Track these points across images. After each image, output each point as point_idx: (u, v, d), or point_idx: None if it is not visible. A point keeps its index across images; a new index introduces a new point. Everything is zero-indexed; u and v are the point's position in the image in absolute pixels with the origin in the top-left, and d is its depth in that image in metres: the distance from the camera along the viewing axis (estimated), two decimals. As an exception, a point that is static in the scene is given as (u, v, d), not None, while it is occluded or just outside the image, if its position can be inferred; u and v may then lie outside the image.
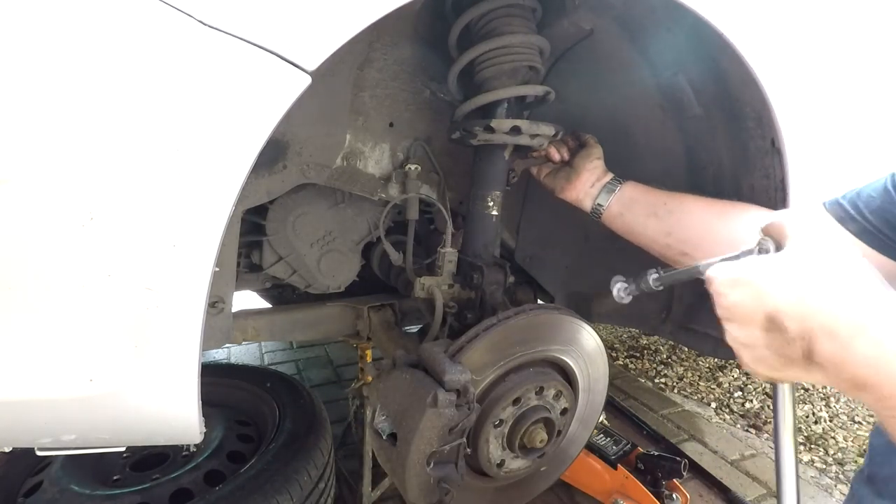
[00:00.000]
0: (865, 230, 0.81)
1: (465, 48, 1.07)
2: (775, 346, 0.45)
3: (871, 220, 0.80)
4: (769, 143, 1.01)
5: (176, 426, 0.71)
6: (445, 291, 1.17)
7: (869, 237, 0.81)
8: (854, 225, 0.82)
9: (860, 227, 0.81)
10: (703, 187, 1.21)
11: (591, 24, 1.09)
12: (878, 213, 0.80)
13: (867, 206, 0.81)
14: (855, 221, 0.82)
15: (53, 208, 0.59)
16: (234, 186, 0.64)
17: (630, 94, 1.22)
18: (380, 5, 0.67)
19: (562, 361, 1.07)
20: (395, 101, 1.26)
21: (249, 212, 1.18)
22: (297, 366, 2.98)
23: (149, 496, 1.27)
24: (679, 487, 1.78)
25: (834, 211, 0.85)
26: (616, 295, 0.86)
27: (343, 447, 2.10)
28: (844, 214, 0.84)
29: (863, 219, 0.81)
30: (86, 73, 0.57)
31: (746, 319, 0.47)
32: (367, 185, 1.26)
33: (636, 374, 3.15)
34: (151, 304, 0.63)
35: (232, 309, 1.18)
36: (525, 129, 1.04)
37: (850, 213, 0.83)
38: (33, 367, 0.63)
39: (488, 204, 1.17)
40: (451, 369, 0.86)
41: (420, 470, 0.86)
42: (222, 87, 0.61)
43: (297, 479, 1.28)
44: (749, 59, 0.90)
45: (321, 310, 1.49)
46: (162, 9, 0.58)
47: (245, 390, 1.76)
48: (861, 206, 0.82)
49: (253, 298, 2.20)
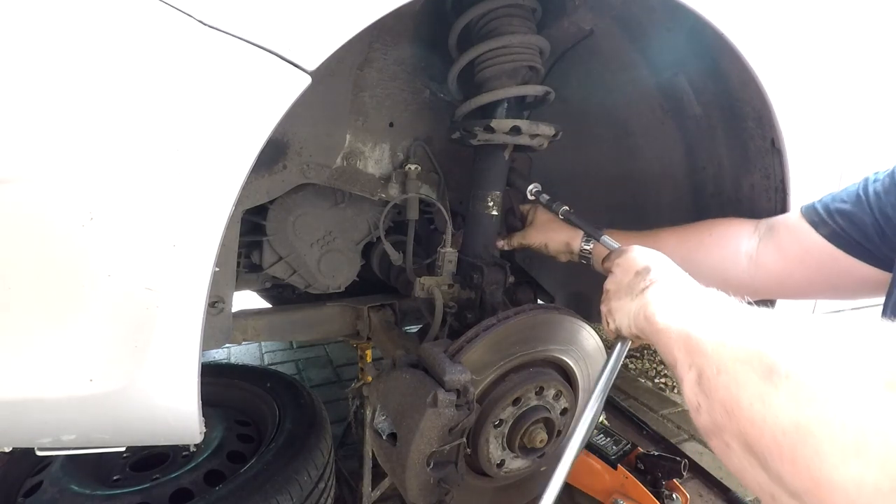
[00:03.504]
0: (836, 234, 0.86)
1: (465, 48, 1.07)
2: (633, 282, 0.71)
3: (841, 224, 0.85)
4: (769, 142, 1.01)
5: (176, 426, 0.71)
6: (445, 291, 1.17)
7: (839, 241, 0.85)
8: (826, 229, 0.87)
9: (831, 231, 0.86)
10: (703, 187, 1.21)
11: (591, 24, 1.09)
12: (848, 218, 0.84)
13: (839, 212, 0.86)
14: (827, 225, 0.87)
15: (54, 208, 0.59)
16: (234, 186, 0.64)
17: (630, 94, 1.22)
18: (380, 5, 0.67)
19: (562, 361, 1.07)
20: (395, 101, 1.26)
21: (249, 212, 1.18)
22: (297, 366, 2.98)
23: (149, 496, 1.27)
24: (679, 487, 1.78)
25: (808, 215, 0.91)
26: (528, 191, 1.17)
27: (343, 447, 2.10)
28: (817, 219, 0.89)
29: (834, 223, 0.86)
30: (86, 73, 0.57)
31: (627, 267, 0.75)
32: (367, 185, 1.26)
33: (636, 374, 3.14)
34: (151, 304, 0.63)
35: (232, 309, 1.18)
36: (525, 129, 1.04)
37: (822, 217, 0.88)
38: (33, 367, 0.63)
39: (488, 204, 1.17)
40: (451, 369, 0.86)
41: (420, 470, 0.86)
42: (222, 87, 0.61)
43: (297, 479, 1.28)
44: (749, 59, 0.90)
45: (321, 310, 1.49)
46: (162, 9, 0.58)
47: (245, 390, 1.76)
48: (833, 212, 0.87)
49: (253, 298, 2.20)
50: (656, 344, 0.62)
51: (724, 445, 0.43)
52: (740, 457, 0.41)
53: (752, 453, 0.39)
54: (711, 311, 0.54)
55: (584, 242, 1.16)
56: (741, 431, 0.40)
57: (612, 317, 0.75)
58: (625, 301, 0.72)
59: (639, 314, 0.66)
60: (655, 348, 0.63)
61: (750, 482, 0.41)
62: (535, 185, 1.20)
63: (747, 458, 0.40)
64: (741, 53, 0.89)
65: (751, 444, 0.39)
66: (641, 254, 0.77)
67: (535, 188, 1.19)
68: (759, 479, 0.39)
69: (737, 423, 0.41)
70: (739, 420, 0.40)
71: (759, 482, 0.40)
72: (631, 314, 0.69)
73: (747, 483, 0.42)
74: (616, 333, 0.76)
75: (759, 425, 0.38)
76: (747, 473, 0.41)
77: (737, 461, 0.42)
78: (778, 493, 0.38)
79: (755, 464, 0.39)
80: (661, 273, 0.70)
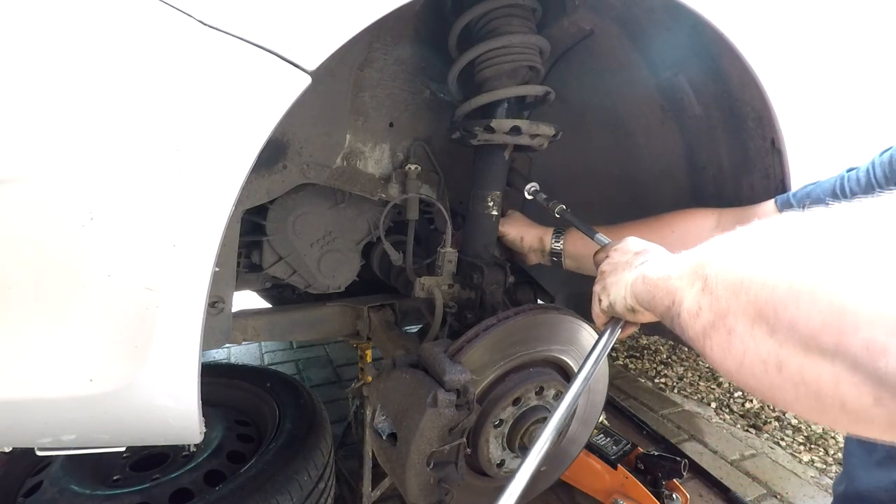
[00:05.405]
0: None
1: (465, 48, 1.07)
2: (631, 259, 0.73)
3: None
4: (769, 142, 1.01)
5: (176, 426, 0.71)
6: (445, 291, 1.17)
7: None
8: None
9: None
10: (703, 187, 1.21)
11: (591, 24, 1.09)
12: None
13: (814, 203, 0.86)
14: None
15: (54, 208, 0.59)
16: (234, 186, 0.64)
17: (630, 95, 1.22)
18: (380, 5, 0.67)
19: (562, 361, 1.07)
20: (395, 101, 1.26)
21: (249, 212, 1.18)
22: (297, 366, 2.98)
23: (149, 496, 1.27)
24: (679, 487, 1.78)
25: (783, 206, 0.93)
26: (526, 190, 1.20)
27: (343, 447, 2.10)
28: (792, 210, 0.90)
29: None
30: (86, 74, 0.57)
31: (626, 250, 0.77)
32: (367, 185, 1.26)
33: (636, 374, 3.15)
34: (151, 304, 0.63)
35: (232, 309, 1.18)
36: (525, 129, 1.04)
37: (796, 208, 0.88)
38: (33, 366, 0.63)
39: (488, 204, 1.17)
40: (451, 369, 0.86)
41: (420, 470, 0.86)
42: (222, 87, 0.61)
43: (297, 479, 1.28)
44: (749, 59, 0.90)
45: (321, 310, 1.49)
46: (162, 9, 0.58)
47: (245, 390, 1.76)
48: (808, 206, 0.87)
49: (253, 298, 2.21)
50: (651, 301, 0.61)
51: (726, 334, 0.42)
52: (744, 336, 0.40)
53: (761, 320, 0.38)
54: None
55: (554, 241, 1.20)
56: (749, 302, 0.39)
57: (606, 293, 0.76)
58: (621, 275, 0.73)
59: (636, 280, 0.66)
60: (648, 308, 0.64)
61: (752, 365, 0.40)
62: (532, 185, 1.20)
63: (753, 331, 0.39)
64: (741, 53, 0.89)
65: (760, 309, 0.38)
66: (639, 240, 0.79)
67: (532, 187, 1.20)
68: (765, 351, 0.38)
69: (745, 295, 0.40)
70: (748, 291, 0.40)
71: (764, 356, 0.38)
72: (628, 283, 0.69)
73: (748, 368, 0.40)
74: (607, 312, 0.76)
75: (772, 282, 0.37)
76: (750, 355, 0.40)
77: (738, 345, 0.40)
78: (785, 355, 0.36)
79: (762, 333, 0.38)
80: (660, 253, 0.72)
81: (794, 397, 0.37)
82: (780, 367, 0.37)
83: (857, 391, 0.31)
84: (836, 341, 0.32)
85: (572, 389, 0.71)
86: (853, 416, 0.33)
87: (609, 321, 0.78)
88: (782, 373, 0.37)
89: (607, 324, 0.78)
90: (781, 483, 2.15)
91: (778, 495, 2.08)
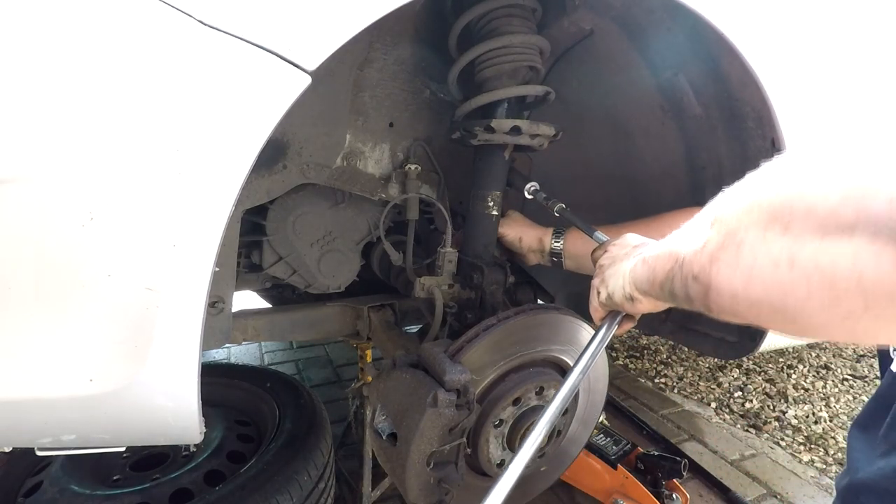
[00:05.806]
0: None
1: (465, 48, 1.07)
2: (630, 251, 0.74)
3: None
4: (769, 143, 1.01)
5: (176, 426, 0.71)
6: (445, 291, 1.17)
7: None
8: None
9: None
10: (703, 187, 1.21)
11: (591, 24, 1.09)
12: None
13: None
14: None
15: (54, 208, 0.59)
16: (234, 186, 0.64)
17: (630, 94, 1.22)
18: (380, 5, 0.67)
19: (562, 361, 1.07)
20: (395, 101, 1.26)
21: (249, 212, 1.18)
22: (297, 366, 2.98)
23: (149, 496, 1.27)
24: (679, 487, 1.78)
25: None
26: (526, 190, 1.20)
27: (343, 447, 2.10)
28: None
29: None
30: (86, 73, 0.57)
31: (625, 244, 0.79)
32: (367, 185, 1.26)
33: (636, 374, 3.15)
34: (151, 304, 0.63)
35: (232, 309, 1.18)
36: (525, 129, 1.04)
37: None
38: (33, 367, 0.63)
39: (488, 204, 1.17)
40: (451, 369, 0.86)
41: (420, 470, 0.86)
42: (222, 87, 0.61)
43: (297, 479, 1.28)
44: (749, 59, 0.90)
45: (321, 310, 1.49)
46: (162, 9, 0.58)
47: (245, 390, 1.76)
48: None
49: (253, 298, 2.20)
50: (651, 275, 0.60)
51: (735, 249, 0.42)
52: (754, 244, 0.40)
53: (773, 223, 0.38)
54: None
55: (553, 241, 1.18)
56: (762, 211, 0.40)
57: (604, 284, 0.75)
58: (620, 265, 0.73)
59: (635, 266, 0.66)
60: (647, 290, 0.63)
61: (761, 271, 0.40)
62: (532, 184, 1.20)
63: (765, 235, 0.39)
64: (741, 54, 0.89)
65: (774, 212, 0.38)
66: (638, 236, 0.80)
67: (532, 187, 1.20)
68: (776, 251, 0.38)
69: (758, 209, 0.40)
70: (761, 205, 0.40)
71: (776, 256, 0.38)
72: (626, 271, 0.69)
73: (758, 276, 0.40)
74: (605, 305, 0.76)
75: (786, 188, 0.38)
76: (760, 259, 0.40)
77: (748, 255, 0.40)
78: (798, 248, 0.36)
79: (774, 235, 0.38)
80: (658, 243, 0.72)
81: (805, 293, 0.37)
82: (793, 263, 0.37)
83: (877, 260, 0.31)
84: (855, 210, 0.33)
85: (568, 382, 0.71)
86: (870, 294, 0.33)
87: (607, 315, 0.78)
88: (794, 269, 0.37)
89: (605, 318, 0.78)
90: (781, 483, 2.15)
91: (778, 495, 2.08)
